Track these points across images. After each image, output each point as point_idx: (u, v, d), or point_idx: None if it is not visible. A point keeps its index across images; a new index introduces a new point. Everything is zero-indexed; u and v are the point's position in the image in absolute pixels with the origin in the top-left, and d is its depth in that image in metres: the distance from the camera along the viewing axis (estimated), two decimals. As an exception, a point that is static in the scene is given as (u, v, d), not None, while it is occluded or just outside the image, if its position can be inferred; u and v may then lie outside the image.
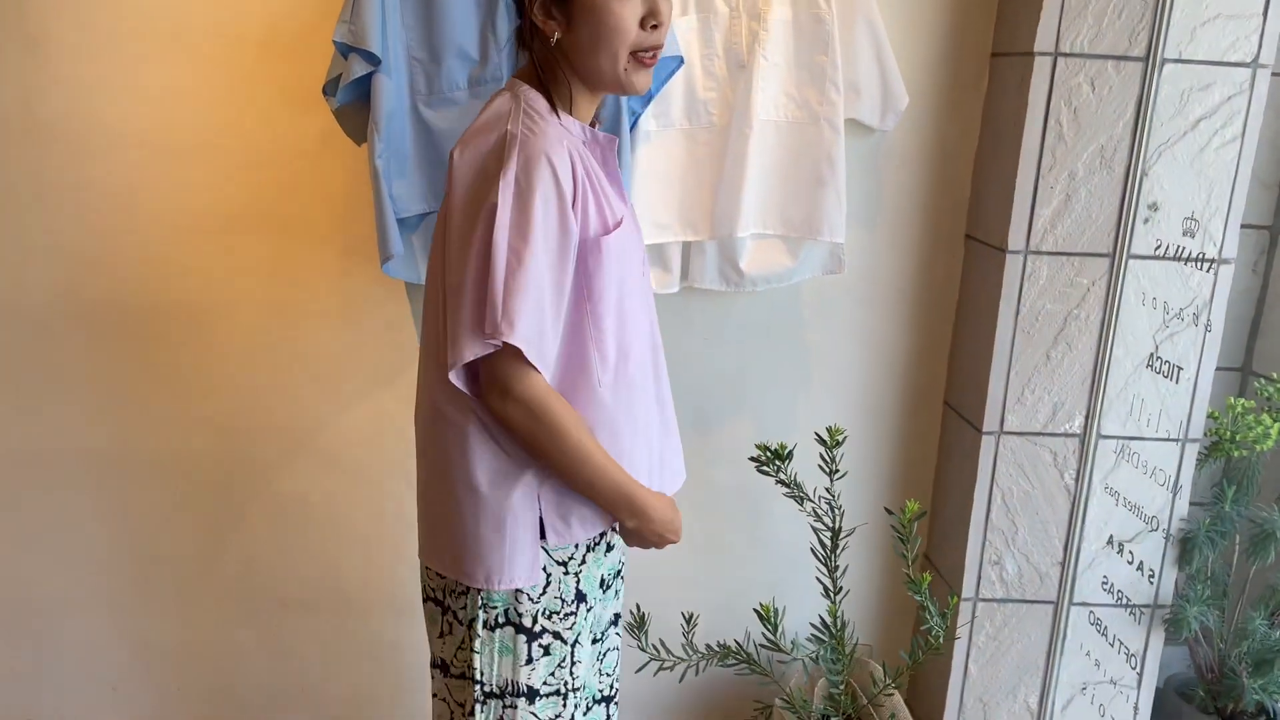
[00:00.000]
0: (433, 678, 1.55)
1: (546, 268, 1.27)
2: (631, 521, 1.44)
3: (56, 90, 1.98)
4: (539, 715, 1.46)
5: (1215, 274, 1.96)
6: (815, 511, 1.97)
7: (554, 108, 1.35)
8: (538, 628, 1.44)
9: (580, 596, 1.47)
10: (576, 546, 1.44)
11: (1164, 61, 1.88)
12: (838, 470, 1.94)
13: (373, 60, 1.86)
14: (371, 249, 2.06)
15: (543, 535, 1.40)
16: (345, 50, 1.86)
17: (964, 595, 2.14)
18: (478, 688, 1.44)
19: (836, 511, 1.96)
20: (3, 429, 2.16)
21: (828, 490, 1.95)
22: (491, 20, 1.89)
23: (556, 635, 1.45)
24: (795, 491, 1.95)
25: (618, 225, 1.37)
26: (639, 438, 1.43)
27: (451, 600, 1.46)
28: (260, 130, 2.02)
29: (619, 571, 1.60)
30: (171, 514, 2.22)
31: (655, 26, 1.31)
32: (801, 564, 2.17)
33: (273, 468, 2.21)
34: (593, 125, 1.44)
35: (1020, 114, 1.92)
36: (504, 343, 1.25)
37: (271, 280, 2.10)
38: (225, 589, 2.27)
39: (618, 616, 1.65)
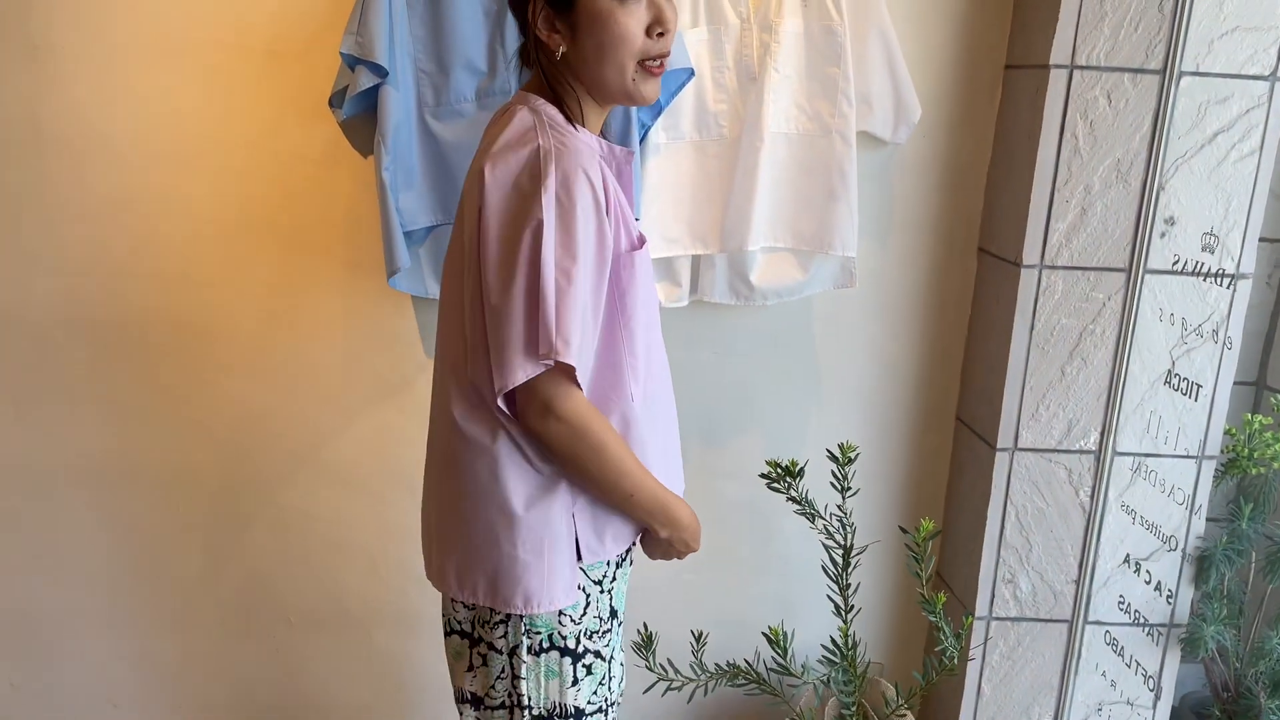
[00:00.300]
0: (461, 714, 1.50)
1: (590, 285, 1.25)
2: (665, 531, 1.42)
3: (60, 99, 1.96)
4: None
5: (1233, 289, 1.94)
6: (827, 529, 1.94)
7: (570, 121, 1.33)
8: (580, 648, 1.41)
9: (614, 613, 1.46)
10: (608, 563, 1.43)
11: (1181, 74, 1.85)
12: (850, 487, 1.91)
13: (380, 72, 1.84)
14: (378, 262, 2.04)
15: (578, 556, 1.38)
16: (352, 62, 1.85)
17: (977, 614, 2.11)
18: (526, 713, 1.41)
19: (848, 529, 1.93)
20: (2, 440, 2.13)
21: (839, 508, 1.92)
22: (500, 32, 1.88)
23: (597, 654, 1.43)
24: (806, 509, 1.92)
25: (642, 240, 1.36)
26: (661, 450, 1.44)
27: (484, 631, 1.42)
28: (266, 142, 2.00)
29: None
30: (173, 527, 2.20)
31: (662, 34, 1.28)
32: (812, 580, 2.15)
33: (275, 481, 2.18)
34: (602, 137, 1.42)
35: (1035, 127, 1.90)
36: (550, 364, 1.23)
37: (276, 292, 2.08)
38: (227, 603, 2.25)
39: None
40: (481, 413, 1.32)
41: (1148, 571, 2.07)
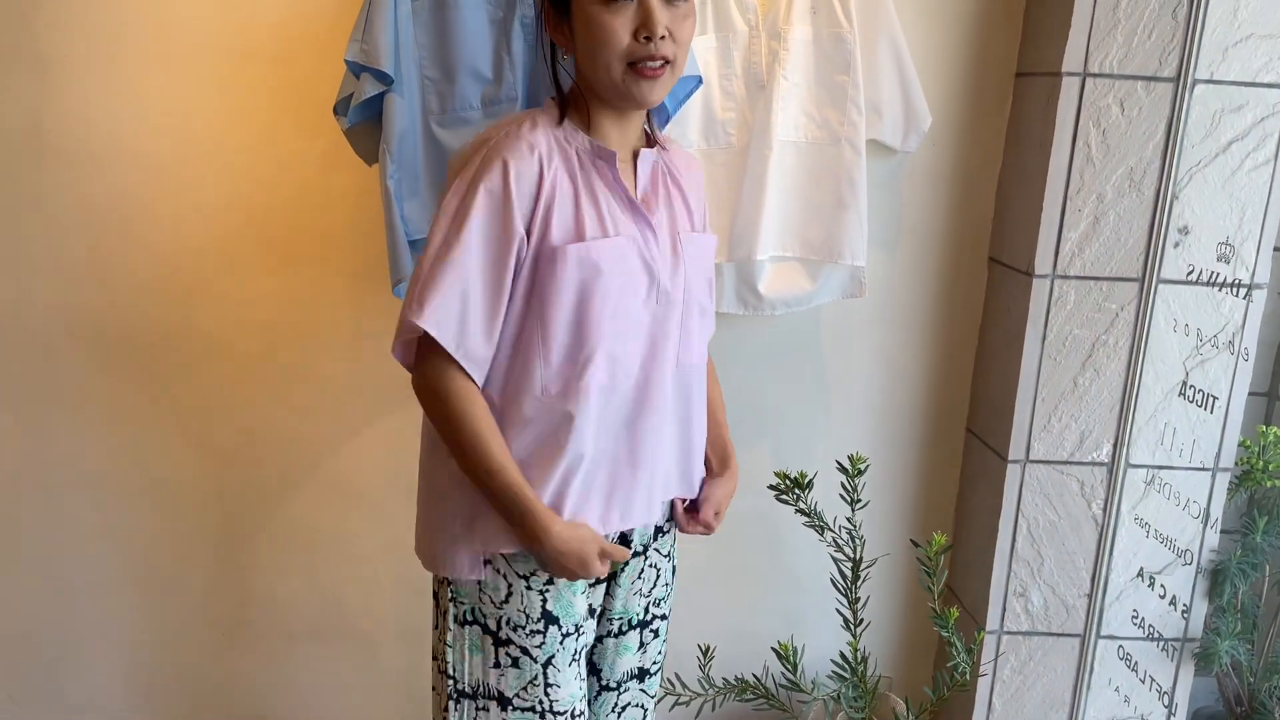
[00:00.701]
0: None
1: (478, 263, 1.30)
2: (524, 539, 1.35)
3: (64, 109, 1.95)
4: None
5: (1249, 299, 1.91)
6: (836, 542, 1.92)
7: (563, 119, 1.38)
8: (503, 635, 1.42)
9: (550, 618, 1.42)
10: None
11: (1195, 82, 1.84)
12: (859, 500, 1.89)
13: (385, 80, 1.82)
14: (382, 271, 2.02)
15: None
16: (357, 70, 1.83)
17: (988, 628, 2.08)
18: (450, 684, 1.44)
19: (858, 542, 1.91)
20: (4, 450, 2.11)
21: (849, 520, 1.90)
22: (506, 39, 1.86)
23: (524, 651, 1.42)
24: (815, 521, 1.90)
25: (602, 236, 1.34)
26: (584, 458, 1.38)
27: (437, 587, 1.49)
28: (270, 150, 1.98)
29: (636, 621, 1.55)
30: (175, 539, 2.18)
31: (648, 38, 1.30)
32: (821, 593, 2.13)
33: (279, 493, 2.16)
34: (651, 145, 1.45)
35: (1047, 135, 1.88)
36: (424, 332, 1.29)
37: (280, 302, 2.06)
38: (230, 616, 2.22)
39: (642, 672, 1.59)
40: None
41: (1161, 585, 2.04)
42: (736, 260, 1.96)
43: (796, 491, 1.89)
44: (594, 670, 1.56)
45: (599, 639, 1.54)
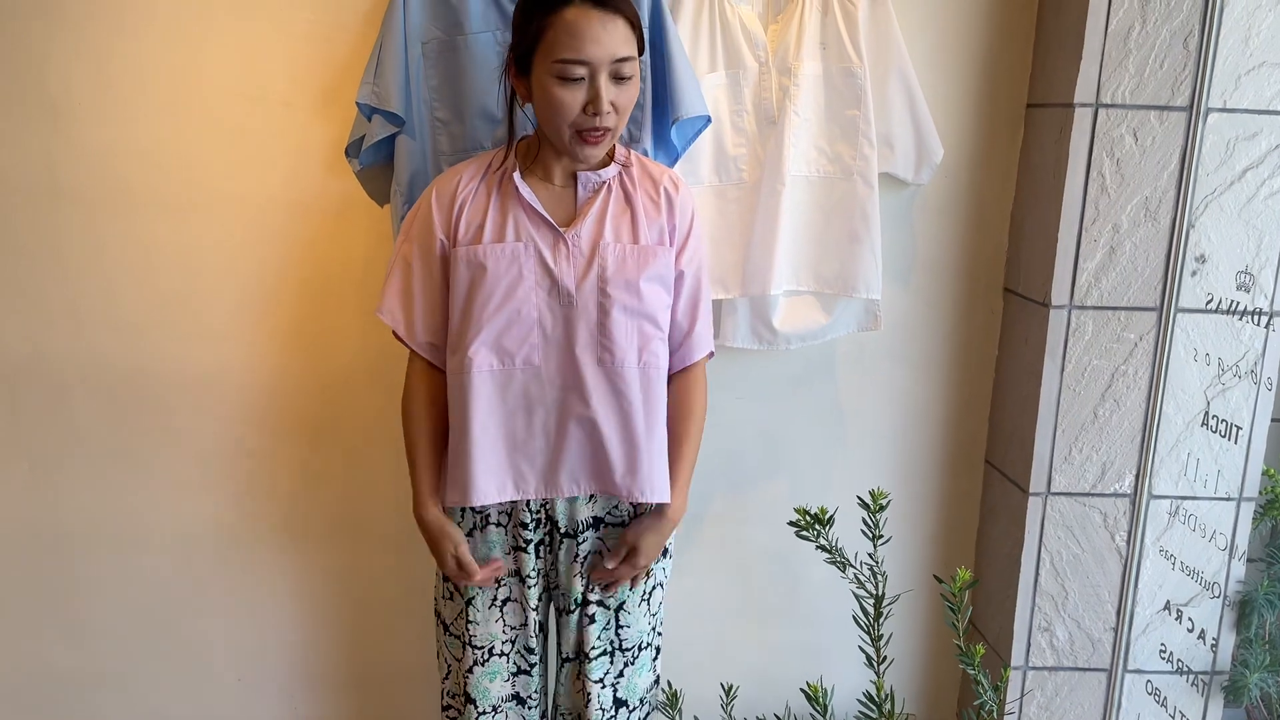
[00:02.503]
0: None
1: (416, 263, 1.61)
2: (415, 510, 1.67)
3: (77, 154, 1.96)
4: (449, 650, 1.72)
5: (1269, 327, 1.90)
6: (857, 578, 1.89)
7: (509, 154, 1.61)
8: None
9: (439, 575, 1.72)
10: (463, 514, 1.66)
11: (1208, 111, 1.83)
12: (881, 535, 1.86)
13: (396, 121, 1.83)
14: (395, 312, 2.02)
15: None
16: (369, 112, 1.84)
17: (1014, 663, 2.05)
18: (434, 603, 1.76)
19: (880, 578, 1.88)
20: (18, 495, 2.11)
21: (870, 556, 1.88)
22: (517, 79, 1.86)
23: (455, 588, 1.69)
24: (837, 558, 1.87)
25: (492, 242, 1.56)
26: (476, 431, 1.58)
27: None
28: (282, 192, 1.99)
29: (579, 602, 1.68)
30: (190, 587, 2.16)
31: (595, 114, 1.47)
32: (843, 630, 2.10)
33: (293, 534, 2.15)
34: (607, 164, 1.62)
35: (1061, 166, 1.87)
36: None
37: (292, 342, 2.05)
38: (247, 663, 2.20)
39: (580, 652, 1.70)
40: None
41: (1189, 618, 2.01)
42: (751, 295, 1.96)
43: (817, 528, 1.86)
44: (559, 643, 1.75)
45: (559, 613, 1.72)
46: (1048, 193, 1.93)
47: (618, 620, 1.69)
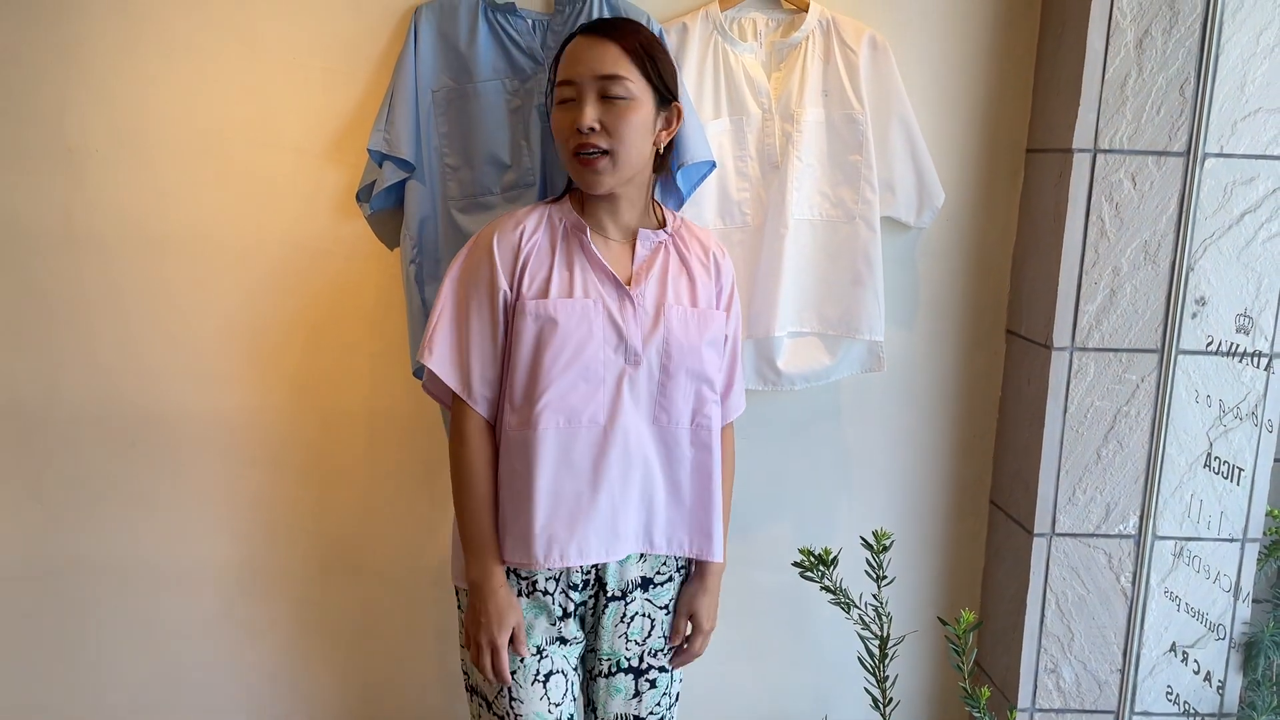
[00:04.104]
0: None
1: (474, 315, 1.54)
2: (471, 579, 1.57)
3: (92, 198, 1.99)
4: None
5: (1269, 370, 1.91)
6: (862, 619, 1.89)
7: (559, 199, 1.62)
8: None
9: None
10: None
11: (1205, 156, 1.86)
12: (885, 576, 1.87)
13: (407, 167, 1.86)
14: (403, 353, 2.04)
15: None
16: (380, 158, 1.87)
17: (1020, 705, 2.04)
18: (465, 678, 1.67)
19: (885, 619, 1.88)
20: (30, 535, 2.12)
21: (875, 597, 1.88)
22: (524, 126, 1.90)
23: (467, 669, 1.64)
24: (842, 598, 1.88)
25: (562, 296, 1.52)
26: (542, 491, 1.52)
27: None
28: (294, 237, 2.02)
29: (627, 666, 1.64)
30: (195, 626, 2.16)
31: (579, 130, 1.49)
32: (848, 672, 2.09)
33: (302, 576, 2.15)
34: (661, 226, 1.63)
35: (1061, 210, 1.90)
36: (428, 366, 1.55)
37: (302, 385, 2.08)
38: (249, 703, 2.20)
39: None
40: None
41: (1195, 660, 2.01)
42: (755, 336, 1.98)
43: (821, 569, 1.87)
44: (591, 706, 1.69)
45: (592, 677, 1.66)
46: (1048, 236, 1.95)
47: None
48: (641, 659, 1.64)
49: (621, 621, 1.62)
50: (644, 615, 1.63)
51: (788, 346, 2.01)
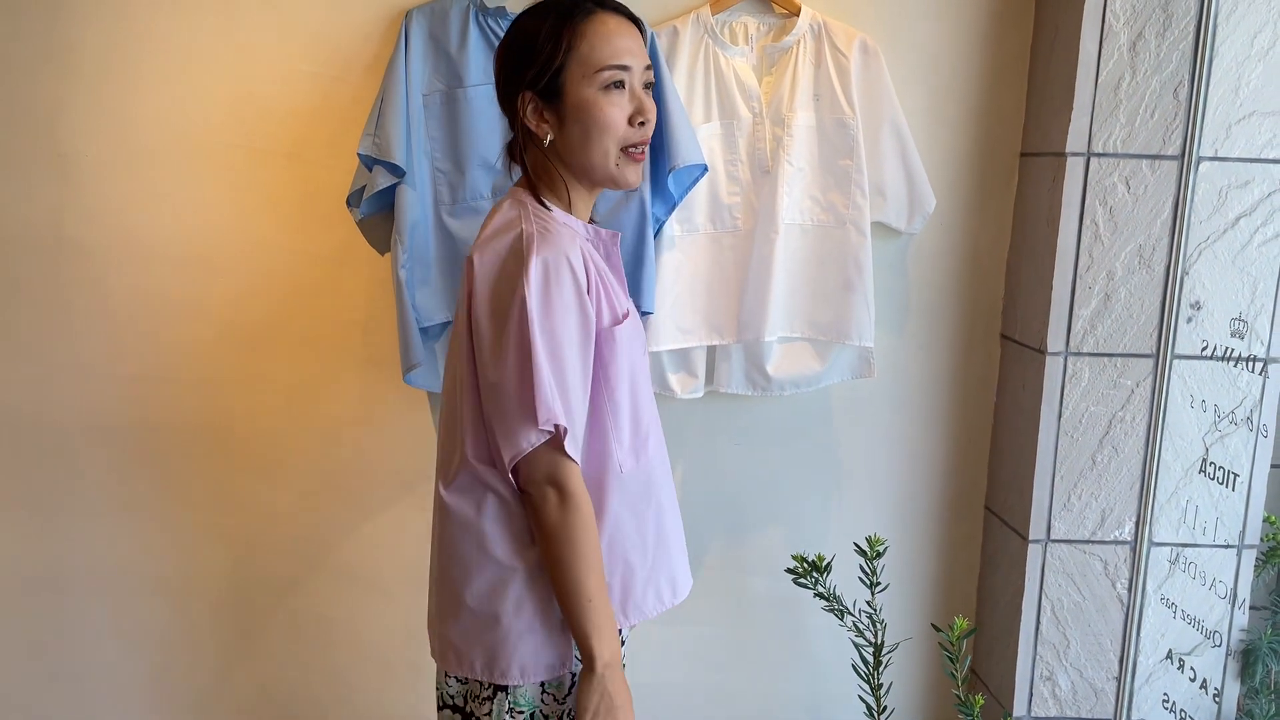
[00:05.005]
0: None
1: (576, 358, 1.30)
2: (601, 664, 1.32)
3: (83, 205, 1.99)
4: None
5: (1265, 375, 1.89)
6: (856, 626, 1.88)
7: (556, 206, 1.39)
8: None
9: None
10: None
11: (1200, 159, 1.84)
12: (879, 582, 1.86)
13: (397, 172, 1.86)
14: (394, 359, 2.03)
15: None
16: (370, 163, 1.87)
17: (1015, 713, 2.03)
18: None
19: (879, 626, 1.87)
20: (19, 543, 2.11)
21: (869, 604, 1.87)
22: (515, 130, 1.89)
23: None
24: (835, 605, 1.87)
25: (626, 316, 1.39)
26: (667, 521, 1.44)
27: (475, 705, 1.41)
28: (285, 242, 2.01)
29: None
30: (186, 632, 2.16)
31: (643, 123, 1.36)
32: (842, 679, 2.08)
33: (291, 583, 2.15)
34: (591, 222, 1.46)
35: (1054, 214, 1.89)
36: (552, 431, 1.28)
37: (293, 392, 2.07)
38: (241, 709, 2.19)
39: None
40: (469, 488, 1.36)
41: (1191, 668, 1.99)
42: (745, 342, 1.97)
43: (814, 575, 1.86)
44: None
45: None
46: (1042, 240, 1.94)
47: None
48: None
49: None
50: None
51: (778, 352, 2.00)
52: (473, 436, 1.35)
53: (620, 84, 1.33)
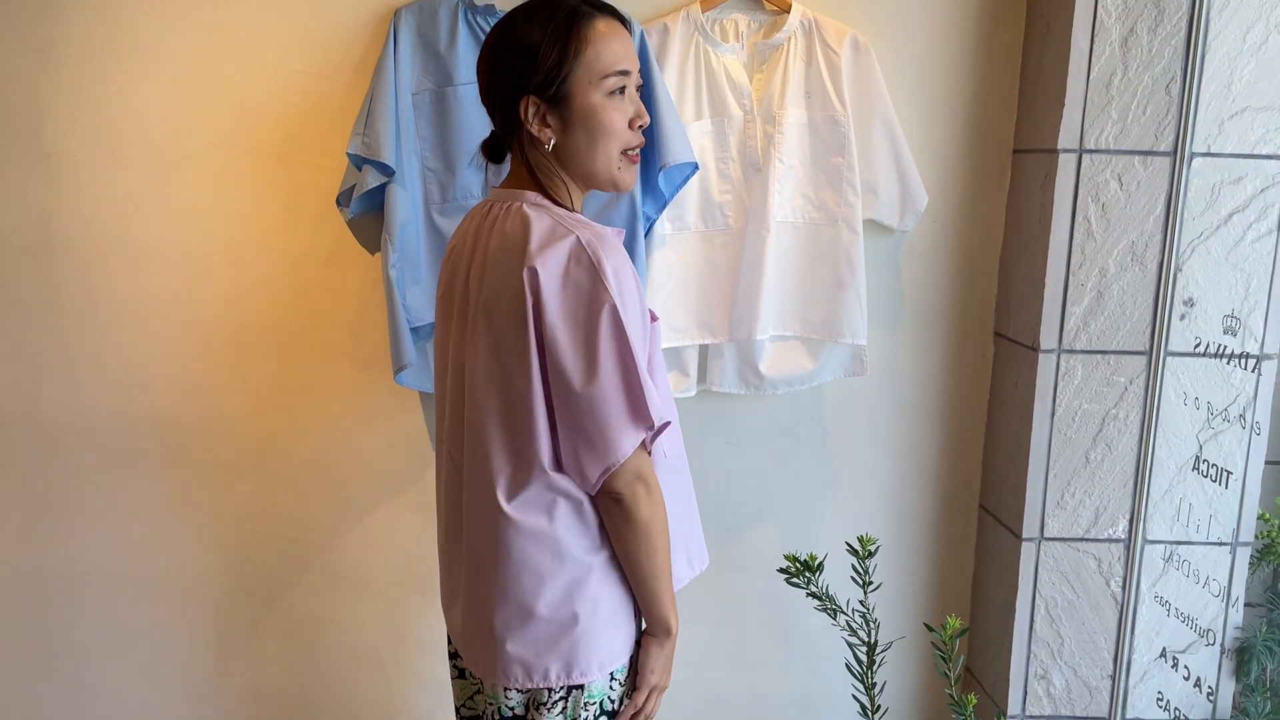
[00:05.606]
0: None
1: (644, 356, 1.34)
2: (668, 638, 1.42)
3: (71, 206, 1.98)
4: None
5: (1258, 372, 1.89)
6: (849, 625, 1.87)
7: (568, 209, 1.40)
8: (619, 705, 1.44)
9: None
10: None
11: (1192, 155, 1.84)
12: (871, 582, 1.85)
13: (387, 171, 1.85)
14: (384, 359, 2.02)
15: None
16: (359, 162, 1.86)
17: (1010, 712, 2.02)
18: None
19: (872, 625, 1.86)
20: (11, 547, 2.11)
21: (861, 603, 1.86)
22: (505, 128, 1.88)
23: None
24: (828, 604, 1.86)
25: (654, 315, 1.44)
26: (687, 510, 1.49)
27: (538, 713, 1.40)
28: (275, 242, 2.01)
29: None
30: (180, 634, 2.15)
31: (641, 126, 1.38)
32: (836, 679, 2.07)
33: (284, 584, 2.14)
34: None
35: (1047, 211, 1.88)
36: (652, 431, 1.32)
37: (284, 393, 2.06)
38: (236, 711, 2.18)
39: None
40: (538, 498, 1.35)
41: (1185, 666, 1.98)
42: (737, 340, 1.96)
43: (807, 574, 1.85)
44: None
45: None
46: (1034, 237, 1.93)
47: None
48: None
49: None
50: None
51: (770, 350, 2.00)
52: (548, 447, 1.33)
53: (623, 89, 1.35)
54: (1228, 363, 1.89)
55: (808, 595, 1.86)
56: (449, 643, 1.54)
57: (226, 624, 2.15)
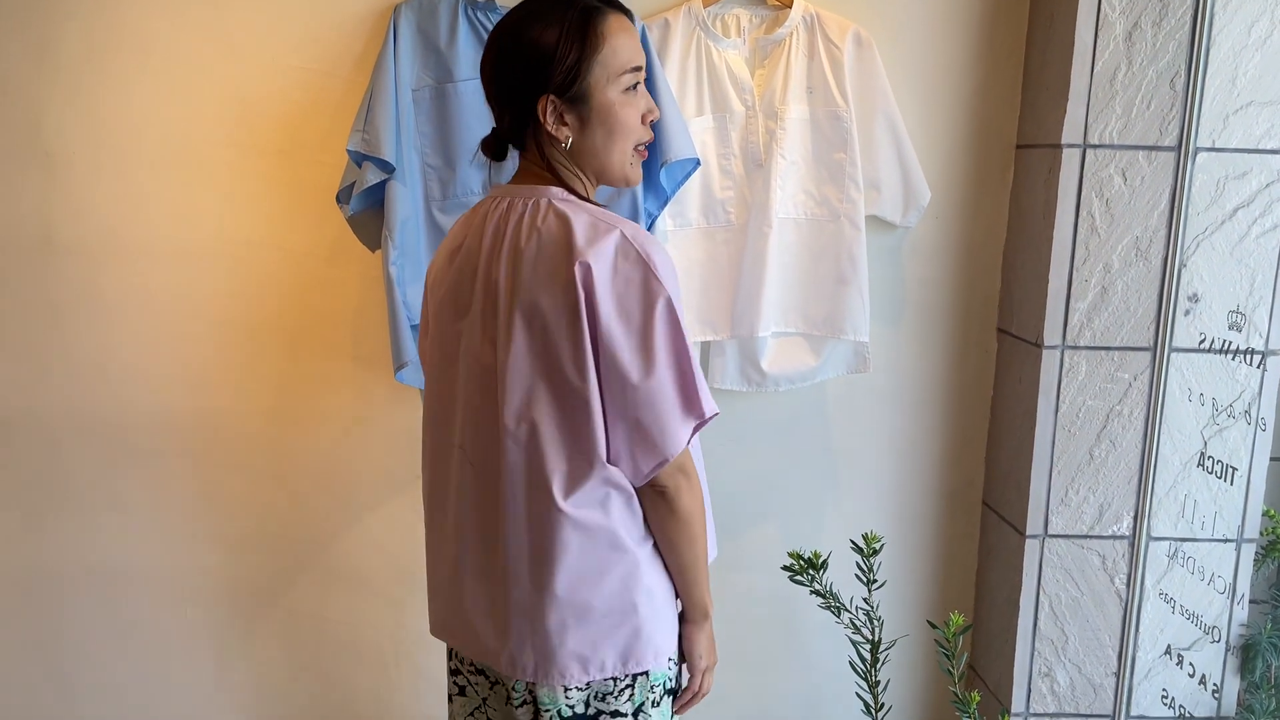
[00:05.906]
0: None
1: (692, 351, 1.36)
2: (698, 618, 1.44)
3: (71, 203, 1.97)
4: None
5: (1263, 368, 1.88)
6: (853, 623, 1.87)
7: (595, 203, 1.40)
8: (677, 681, 1.47)
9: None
10: None
11: (1197, 150, 1.83)
12: (875, 579, 1.84)
13: (387, 168, 1.84)
14: (385, 356, 2.02)
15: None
16: (359, 159, 1.85)
17: (1014, 709, 2.01)
18: None
19: (876, 623, 1.86)
20: (9, 544, 2.10)
21: (865, 601, 1.85)
22: (506, 125, 1.87)
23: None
24: (831, 602, 1.85)
25: None
26: (707, 496, 1.49)
27: (602, 704, 1.40)
28: (275, 239, 2.00)
29: None
30: (181, 633, 2.15)
31: (652, 121, 1.39)
32: (839, 677, 2.07)
33: (284, 582, 2.13)
34: None
35: (1050, 206, 1.87)
36: (703, 423, 1.33)
37: (284, 390, 2.05)
38: (237, 710, 2.18)
39: None
40: (593, 493, 1.34)
41: (1190, 663, 1.98)
42: (739, 337, 1.95)
43: (810, 572, 1.84)
44: None
45: None
46: (1038, 233, 1.92)
47: None
48: None
49: None
50: None
51: (772, 347, 1.99)
52: (603, 442, 1.32)
53: (637, 85, 1.35)
54: (1232, 358, 1.88)
55: (811, 593, 1.85)
56: (450, 658, 1.50)
57: (227, 622, 2.14)
